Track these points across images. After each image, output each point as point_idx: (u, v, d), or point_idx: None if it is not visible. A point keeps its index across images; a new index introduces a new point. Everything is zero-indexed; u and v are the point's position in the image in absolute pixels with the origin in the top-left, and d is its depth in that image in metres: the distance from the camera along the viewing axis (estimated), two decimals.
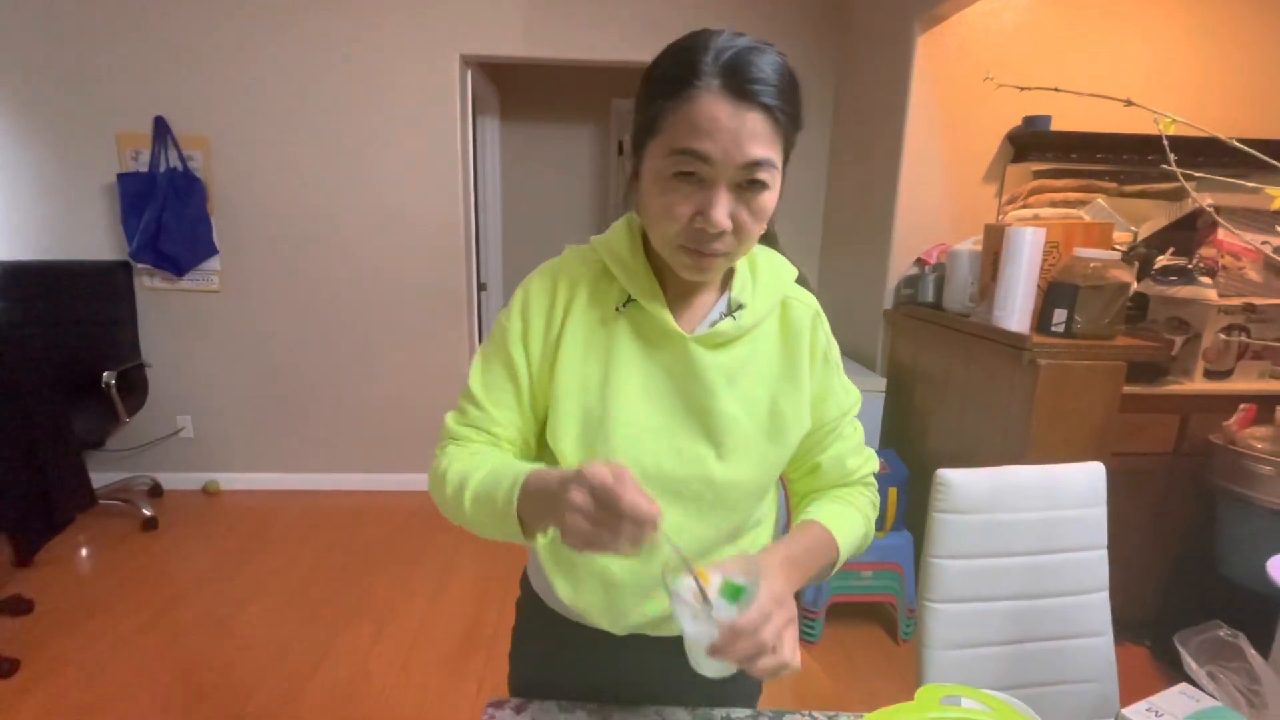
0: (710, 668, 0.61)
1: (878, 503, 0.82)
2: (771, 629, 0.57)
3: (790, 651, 0.58)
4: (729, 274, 0.75)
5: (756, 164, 0.60)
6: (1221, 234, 1.96)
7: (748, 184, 0.61)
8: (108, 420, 2.63)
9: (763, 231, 0.66)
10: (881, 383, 2.32)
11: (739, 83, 0.58)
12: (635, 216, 0.73)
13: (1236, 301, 1.90)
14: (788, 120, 0.62)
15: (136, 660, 1.93)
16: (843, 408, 0.79)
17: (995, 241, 1.88)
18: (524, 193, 4.01)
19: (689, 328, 0.72)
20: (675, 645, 0.76)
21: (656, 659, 0.78)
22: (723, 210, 0.61)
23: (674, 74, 0.61)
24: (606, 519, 0.52)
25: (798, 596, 2.09)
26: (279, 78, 2.79)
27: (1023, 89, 0.94)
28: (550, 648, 0.83)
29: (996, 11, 2.24)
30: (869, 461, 0.82)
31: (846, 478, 0.80)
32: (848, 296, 2.83)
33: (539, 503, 0.60)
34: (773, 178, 0.62)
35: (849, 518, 0.77)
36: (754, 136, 0.59)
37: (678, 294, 0.73)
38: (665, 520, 0.58)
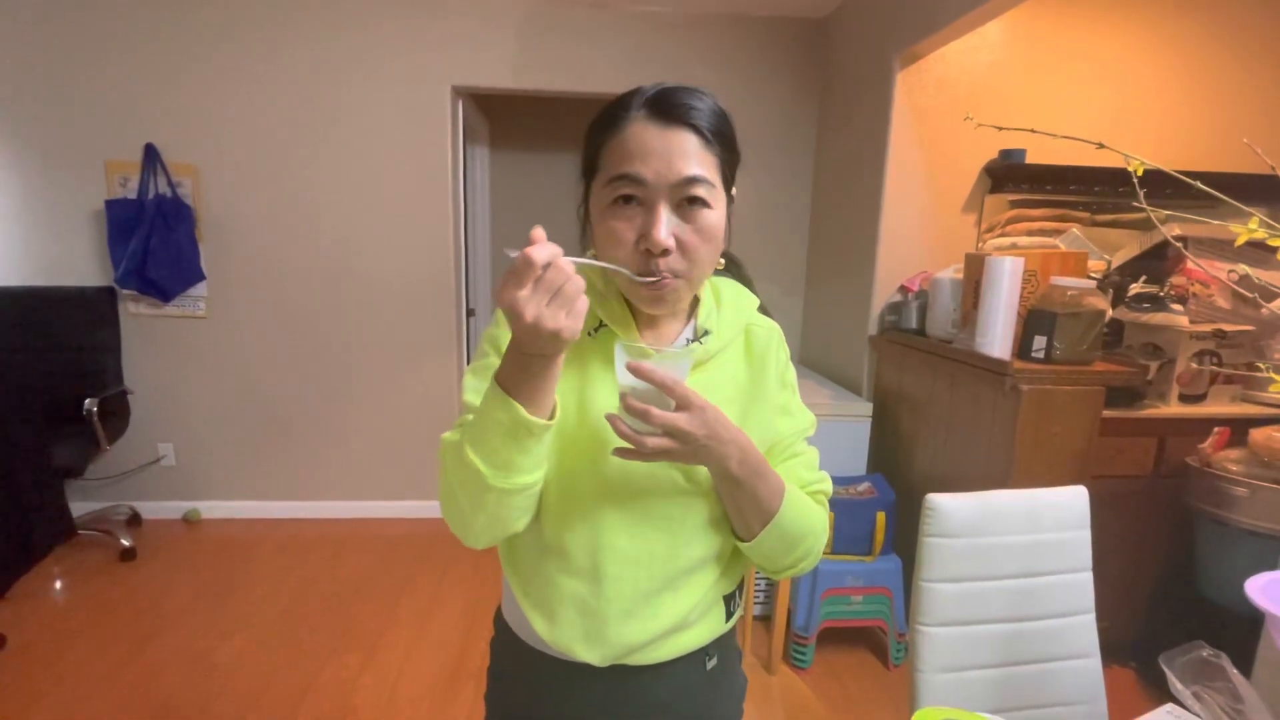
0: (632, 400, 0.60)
1: (826, 527, 0.80)
2: (699, 400, 0.60)
3: (683, 422, 0.60)
4: (694, 303, 0.78)
5: (691, 180, 0.63)
6: (1190, 263, 2.03)
7: (688, 203, 0.65)
8: (88, 448, 2.58)
9: (713, 252, 0.69)
10: (868, 407, 2.34)
11: (664, 108, 0.64)
12: None
13: (1207, 328, 1.96)
14: (719, 142, 0.66)
15: (113, 697, 1.88)
16: (798, 426, 0.81)
17: (976, 270, 1.93)
18: (512, 221, 4.04)
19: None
20: (659, 674, 0.77)
21: (641, 692, 0.77)
22: (663, 228, 0.64)
23: (607, 115, 0.67)
24: (535, 277, 0.53)
25: (789, 618, 2.10)
26: (270, 106, 2.82)
27: (1000, 129, 0.98)
28: (529, 686, 0.80)
29: (972, 50, 2.33)
30: (824, 480, 0.82)
31: (804, 488, 0.80)
32: (833, 323, 2.87)
33: (509, 353, 0.59)
34: (712, 196, 0.65)
35: (802, 496, 0.76)
36: (684, 154, 0.63)
37: (647, 322, 0.75)
38: (633, 537, 0.68)
